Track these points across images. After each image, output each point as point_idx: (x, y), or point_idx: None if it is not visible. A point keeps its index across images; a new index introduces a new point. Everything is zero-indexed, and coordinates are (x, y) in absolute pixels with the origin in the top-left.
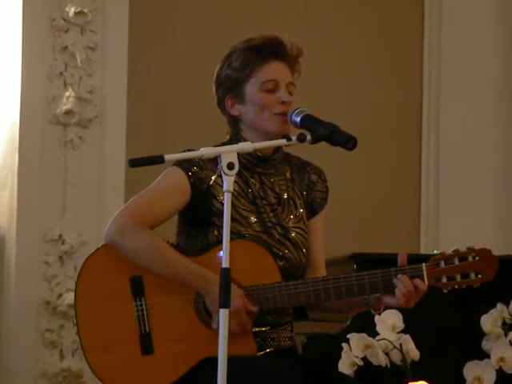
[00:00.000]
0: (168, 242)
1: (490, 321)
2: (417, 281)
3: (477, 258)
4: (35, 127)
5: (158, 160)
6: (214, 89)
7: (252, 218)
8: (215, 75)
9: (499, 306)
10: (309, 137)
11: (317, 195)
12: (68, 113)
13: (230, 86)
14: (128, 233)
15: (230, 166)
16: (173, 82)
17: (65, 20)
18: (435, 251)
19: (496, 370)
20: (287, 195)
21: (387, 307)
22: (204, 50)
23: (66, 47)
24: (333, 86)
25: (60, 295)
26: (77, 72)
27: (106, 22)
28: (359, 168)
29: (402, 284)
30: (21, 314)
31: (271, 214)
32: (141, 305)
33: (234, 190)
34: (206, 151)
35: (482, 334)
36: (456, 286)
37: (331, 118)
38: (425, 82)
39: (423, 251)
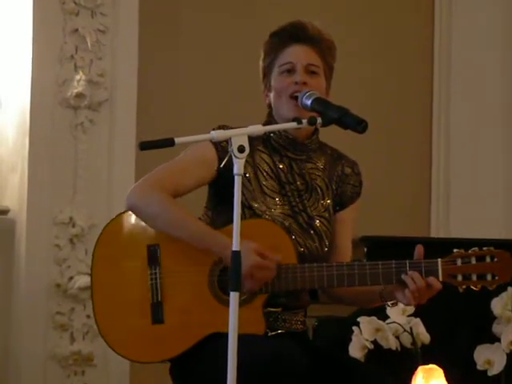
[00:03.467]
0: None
1: (500, 304)
2: (431, 279)
3: (495, 259)
4: (45, 110)
5: (169, 143)
6: None
7: (278, 201)
8: None
9: (510, 289)
10: (319, 120)
11: (348, 188)
12: (78, 96)
13: (262, 77)
14: (145, 195)
15: (241, 149)
16: (184, 65)
17: (75, 3)
18: (454, 250)
19: (506, 354)
20: (316, 184)
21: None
22: (216, 33)
23: (77, 30)
24: (341, 83)
25: (71, 278)
26: (87, 55)
27: (116, 5)
28: (370, 151)
29: (413, 281)
30: (31, 297)
31: (298, 200)
32: (155, 273)
33: (264, 170)
34: (216, 134)
35: (492, 318)
36: (471, 286)
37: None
38: (435, 70)
39: (433, 235)
